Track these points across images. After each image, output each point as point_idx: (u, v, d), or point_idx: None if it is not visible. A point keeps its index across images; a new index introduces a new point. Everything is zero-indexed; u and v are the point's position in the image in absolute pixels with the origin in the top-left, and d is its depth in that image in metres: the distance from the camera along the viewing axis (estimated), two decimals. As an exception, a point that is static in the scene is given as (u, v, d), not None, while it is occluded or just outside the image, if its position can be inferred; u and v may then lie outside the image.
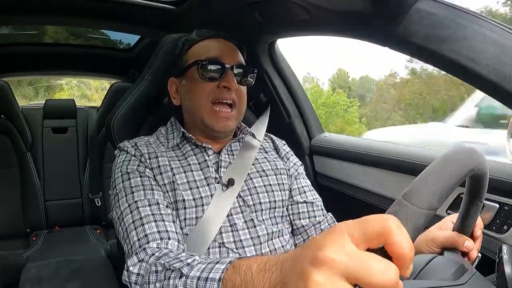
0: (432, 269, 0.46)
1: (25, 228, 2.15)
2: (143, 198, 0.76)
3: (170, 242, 0.71)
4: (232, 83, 0.85)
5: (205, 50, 0.90)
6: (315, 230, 0.95)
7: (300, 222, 0.95)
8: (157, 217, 0.73)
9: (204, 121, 0.87)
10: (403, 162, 1.06)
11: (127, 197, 0.77)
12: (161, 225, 0.73)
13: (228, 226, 0.83)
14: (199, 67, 0.86)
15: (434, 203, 0.40)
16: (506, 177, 0.82)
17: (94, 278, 1.70)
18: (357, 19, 0.86)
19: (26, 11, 1.41)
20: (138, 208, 0.74)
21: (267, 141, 1.04)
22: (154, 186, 0.80)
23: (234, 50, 0.92)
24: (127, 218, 0.74)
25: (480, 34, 0.65)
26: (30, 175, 2.18)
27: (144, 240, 0.70)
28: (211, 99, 0.86)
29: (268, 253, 0.84)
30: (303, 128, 1.44)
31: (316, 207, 0.97)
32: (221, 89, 0.86)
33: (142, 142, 0.88)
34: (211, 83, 0.86)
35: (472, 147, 0.50)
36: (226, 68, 0.86)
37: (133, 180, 0.79)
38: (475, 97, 3.68)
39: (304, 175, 1.03)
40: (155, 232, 0.71)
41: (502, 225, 0.82)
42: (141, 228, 0.71)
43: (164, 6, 1.44)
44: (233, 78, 0.86)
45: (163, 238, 0.70)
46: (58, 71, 2.66)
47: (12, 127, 2.18)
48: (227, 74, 0.86)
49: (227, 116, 0.87)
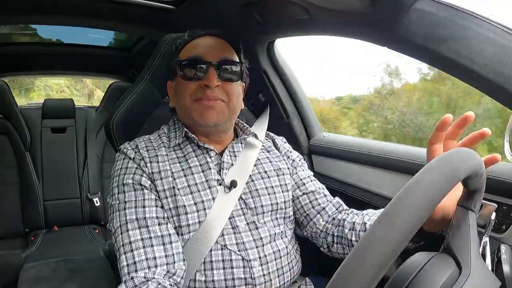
0: (429, 270, 0.45)
1: (24, 228, 2.15)
2: (133, 217, 0.77)
3: (158, 271, 0.73)
4: (212, 81, 0.82)
5: (190, 50, 0.89)
6: (321, 217, 0.94)
7: (305, 213, 0.94)
8: (146, 242, 0.75)
9: (193, 118, 0.85)
10: (401, 162, 1.06)
11: (119, 213, 0.79)
12: (149, 251, 0.74)
13: (230, 228, 0.83)
14: (179, 67, 0.86)
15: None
16: (505, 177, 0.82)
17: (92, 278, 1.70)
18: (356, 19, 0.86)
19: (26, 11, 1.41)
20: (128, 231, 0.76)
21: (268, 140, 1.04)
22: (147, 200, 0.80)
23: (221, 46, 0.89)
24: (119, 239, 0.77)
25: (479, 34, 0.65)
26: (28, 175, 2.18)
27: (133, 267, 0.73)
28: (194, 98, 0.84)
29: (271, 255, 0.84)
30: (302, 128, 1.44)
31: (318, 195, 0.96)
32: (202, 88, 0.84)
33: (143, 144, 0.88)
34: (193, 83, 0.84)
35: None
36: (208, 65, 0.84)
37: (128, 194, 0.80)
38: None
39: (304, 166, 1.01)
40: (143, 260, 0.73)
41: (500, 225, 0.82)
42: (130, 254, 0.74)
43: (163, 6, 1.44)
44: (214, 76, 0.83)
45: (151, 267, 0.73)
46: (57, 70, 2.66)
47: (10, 127, 2.18)
48: (208, 72, 0.84)
49: (210, 104, 0.83)
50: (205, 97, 0.83)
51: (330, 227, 0.92)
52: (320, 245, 0.94)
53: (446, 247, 0.49)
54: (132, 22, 1.61)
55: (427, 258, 0.47)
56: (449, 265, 0.45)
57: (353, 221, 0.88)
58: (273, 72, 1.41)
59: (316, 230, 0.94)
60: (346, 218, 0.90)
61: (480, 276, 0.45)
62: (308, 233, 0.96)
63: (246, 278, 0.79)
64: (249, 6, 1.11)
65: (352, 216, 0.90)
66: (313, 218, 0.94)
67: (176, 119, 0.94)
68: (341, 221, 0.90)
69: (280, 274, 0.85)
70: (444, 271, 0.44)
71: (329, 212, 0.94)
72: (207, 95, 0.83)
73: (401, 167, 1.06)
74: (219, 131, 0.90)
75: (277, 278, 0.84)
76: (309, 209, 0.94)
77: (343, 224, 0.89)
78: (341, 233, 0.88)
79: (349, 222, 0.88)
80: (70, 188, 2.29)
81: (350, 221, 0.88)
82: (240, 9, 1.15)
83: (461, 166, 0.41)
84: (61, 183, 2.27)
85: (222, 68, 0.85)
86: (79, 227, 2.25)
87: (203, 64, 0.84)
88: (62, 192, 2.27)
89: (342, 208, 0.96)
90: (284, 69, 1.42)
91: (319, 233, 0.93)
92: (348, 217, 0.90)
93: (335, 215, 0.93)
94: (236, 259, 0.80)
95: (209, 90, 0.83)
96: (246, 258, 0.80)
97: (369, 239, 0.35)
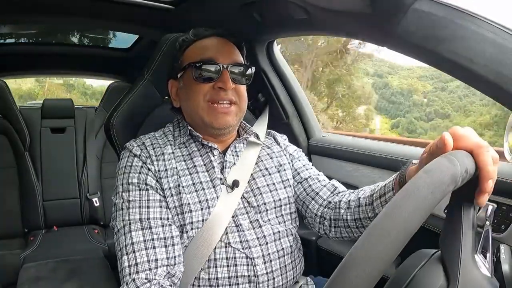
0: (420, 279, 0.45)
1: (23, 228, 2.14)
2: (137, 218, 0.78)
3: (159, 272, 0.74)
4: (228, 84, 0.84)
5: (200, 50, 0.89)
6: (316, 202, 0.91)
7: (302, 202, 0.93)
8: (148, 244, 0.75)
9: (204, 120, 0.86)
10: (401, 162, 1.06)
11: (123, 212, 0.79)
12: (151, 253, 0.75)
13: (234, 226, 0.83)
14: (193, 69, 0.86)
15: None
16: (504, 177, 0.82)
17: (92, 278, 1.70)
18: (355, 18, 0.86)
19: (26, 10, 1.41)
20: (131, 232, 0.76)
21: (269, 138, 1.04)
22: (151, 201, 0.80)
23: (230, 48, 0.91)
24: (122, 239, 0.77)
25: (479, 35, 0.65)
26: (28, 175, 2.18)
27: (134, 269, 0.73)
28: (207, 99, 0.85)
29: (275, 253, 0.84)
30: (301, 128, 1.44)
31: (312, 181, 0.94)
32: (216, 90, 0.85)
33: (149, 141, 0.88)
34: (206, 84, 0.85)
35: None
36: (221, 68, 0.85)
37: (132, 194, 0.80)
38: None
39: (302, 157, 1.01)
40: (144, 261, 0.74)
41: (499, 225, 0.82)
42: (132, 255, 0.74)
43: (163, 6, 1.44)
44: (229, 79, 0.85)
45: (152, 268, 0.73)
46: (57, 70, 2.66)
47: (10, 127, 2.18)
48: (222, 74, 0.85)
49: (226, 111, 0.86)
50: (220, 99, 0.85)
51: (326, 211, 0.90)
52: (317, 231, 0.93)
53: (439, 254, 0.48)
54: (132, 22, 1.62)
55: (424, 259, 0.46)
56: (438, 276, 0.45)
57: (348, 199, 0.86)
58: (272, 72, 1.41)
59: (312, 215, 0.92)
60: (342, 199, 0.88)
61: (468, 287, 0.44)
62: (308, 220, 0.95)
63: (250, 276, 0.80)
64: (249, 6, 1.11)
65: (348, 195, 0.88)
66: (308, 204, 0.92)
67: (180, 118, 0.95)
68: (337, 203, 0.88)
69: (283, 273, 0.85)
70: (433, 284, 0.44)
71: (323, 196, 0.92)
72: (222, 97, 0.85)
73: (400, 167, 1.06)
74: (226, 133, 0.91)
75: (280, 276, 0.84)
76: (304, 197, 0.93)
77: (339, 205, 0.87)
78: (337, 216, 0.86)
79: (345, 202, 0.86)
80: (69, 188, 2.29)
81: (346, 201, 0.86)
82: (239, 9, 1.15)
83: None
84: (61, 183, 2.26)
85: (235, 70, 0.87)
86: (78, 227, 2.24)
87: (217, 66, 0.85)
88: (61, 192, 2.26)
89: (338, 191, 0.93)
90: (283, 69, 1.42)
91: (315, 218, 0.91)
92: (344, 197, 0.88)
93: (331, 199, 0.91)
94: (239, 257, 0.80)
95: (223, 92, 0.85)
96: (250, 256, 0.81)
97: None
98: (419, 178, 0.38)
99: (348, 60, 17.28)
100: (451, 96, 26.42)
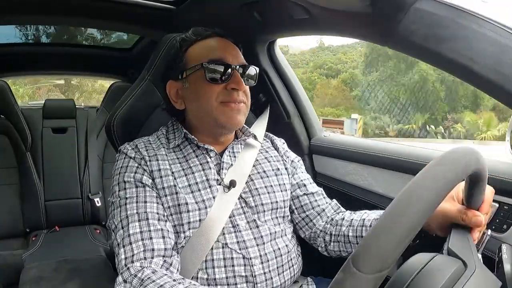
0: (430, 269, 0.45)
1: (25, 228, 2.15)
2: (134, 212, 0.78)
3: (154, 260, 0.74)
4: (241, 85, 0.84)
5: (206, 51, 0.88)
6: (321, 218, 0.96)
7: (304, 214, 0.96)
8: (145, 234, 0.76)
9: (218, 121, 0.85)
10: (403, 162, 1.06)
11: (120, 209, 0.79)
12: (148, 243, 0.75)
13: (231, 227, 0.83)
14: (205, 69, 0.84)
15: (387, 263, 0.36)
16: (506, 176, 0.82)
17: (93, 278, 1.70)
18: (356, 18, 0.86)
19: (26, 11, 1.41)
20: (128, 225, 0.77)
21: (267, 140, 1.04)
22: (148, 197, 0.80)
23: (235, 49, 0.91)
24: (119, 234, 0.77)
25: (480, 34, 0.65)
26: (29, 175, 2.18)
27: (130, 259, 0.73)
28: (220, 100, 0.85)
29: (272, 253, 0.85)
30: (303, 128, 1.44)
31: (318, 196, 0.98)
32: (229, 90, 0.85)
33: (143, 144, 0.88)
34: (218, 85, 0.85)
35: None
36: (233, 68, 0.85)
37: (128, 191, 0.81)
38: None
39: (303, 169, 1.03)
40: (140, 251, 0.74)
41: (501, 225, 0.82)
42: (129, 247, 0.74)
43: (163, 6, 1.44)
44: (241, 79, 0.85)
45: (147, 258, 0.73)
46: (57, 71, 2.66)
47: (11, 127, 2.18)
48: (233, 75, 0.85)
49: (239, 108, 0.86)
50: (233, 100, 0.85)
51: (328, 227, 0.93)
52: (318, 245, 0.96)
53: (448, 249, 0.49)
54: (132, 22, 1.61)
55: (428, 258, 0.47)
56: (453, 262, 0.46)
57: (350, 219, 0.90)
58: (273, 72, 1.41)
59: (316, 230, 0.95)
60: (344, 217, 0.92)
61: (484, 275, 0.45)
62: (306, 234, 0.97)
63: (247, 276, 0.80)
64: (249, 6, 1.11)
65: (350, 215, 0.92)
66: (313, 219, 0.96)
67: (174, 121, 0.94)
68: (339, 221, 0.92)
69: (280, 272, 0.85)
70: (449, 268, 0.44)
71: (328, 213, 0.96)
72: (235, 98, 0.85)
73: (402, 167, 1.06)
74: (230, 132, 0.92)
75: (278, 276, 0.85)
76: (308, 210, 0.96)
77: (341, 223, 0.91)
78: (338, 232, 0.90)
79: (347, 220, 0.90)
80: (71, 188, 2.29)
81: (348, 219, 0.90)
82: (240, 9, 1.15)
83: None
84: (62, 183, 2.27)
85: (245, 71, 0.88)
86: (80, 227, 2.25)
87: (228, 67, 0.85)
88: (63, 192, 2.27)
89: (340, 210, 0.98)
90: (284, 69, 1.42)
91: (318, 233, 0.95)
92: (346, 216, 0.92)
93: (334, 216, 0.95)
94: (237, 257, 0.81)
95: (236, 93, 0.85)
96: (247, 256, 0.81)
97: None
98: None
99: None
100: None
